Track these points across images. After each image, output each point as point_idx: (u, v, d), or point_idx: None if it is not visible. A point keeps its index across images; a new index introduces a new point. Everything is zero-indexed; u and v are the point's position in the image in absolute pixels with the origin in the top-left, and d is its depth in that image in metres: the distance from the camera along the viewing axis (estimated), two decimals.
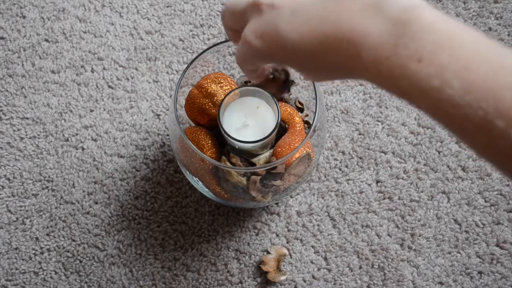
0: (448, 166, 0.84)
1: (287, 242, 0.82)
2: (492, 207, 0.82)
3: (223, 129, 0.72)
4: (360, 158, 0.84)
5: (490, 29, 0.89)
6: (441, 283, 0.80)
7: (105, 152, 0.85)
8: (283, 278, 0.80)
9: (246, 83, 0.78)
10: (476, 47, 0.43)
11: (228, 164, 0.72)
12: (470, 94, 0.42)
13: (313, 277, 0.81)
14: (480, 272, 0.80)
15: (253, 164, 0.73)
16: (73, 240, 0.82)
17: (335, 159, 0.84)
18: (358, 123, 0.85)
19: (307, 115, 0.78)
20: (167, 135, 0.85)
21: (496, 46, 0.43)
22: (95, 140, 0.85)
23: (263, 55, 0.52)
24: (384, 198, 0.83)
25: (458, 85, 0.42)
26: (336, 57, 0.47)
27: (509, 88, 0.41)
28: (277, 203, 0.83)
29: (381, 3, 0.46)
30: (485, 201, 0.83)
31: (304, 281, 0.80)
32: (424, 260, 0.81)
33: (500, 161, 0.42)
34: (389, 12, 0.45)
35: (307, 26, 0.48)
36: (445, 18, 0.45)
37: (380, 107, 0.86)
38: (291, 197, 0.83)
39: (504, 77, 0.41)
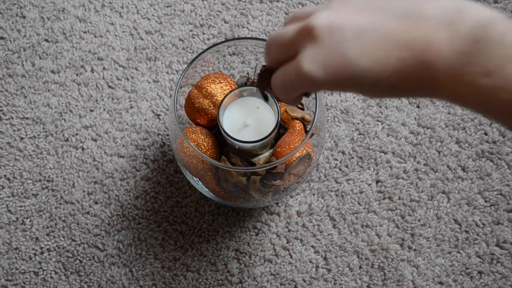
0: (448, 166, 0.84)
1: (287, 242, 0.82)
2: (492, 207, 0.82)
3: (223, 129, 0.72)
4: (360, 158, 0.84)
5: None
6: (441, 283, 0.80)
7: (105, 152, 0.85)
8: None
9: (246, 83, 0.78)
10: None
11: (228, 164, 0.72)
12: None
13: (313, 277, 0.81)
14: (480, 272, 0.80)
15: (253, 164, 0.73)
16: (73, 240, 0.82)
17: (335, 159, 0.84)
18: (358, 123, 0.85)
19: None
20: (167, 135, 0.85)
21: None
22: (95, 140, 0.85)
23: (324, 85, 0.46)
24: (384, 198, 0.83)
25: None
26: (413, 84, 0.44)
27: None
28: (277, 203, 0.83)
29: (455, 20, 0.43)
30: (485, 201, 0.82)
31: (304, 281, 0.80)
32: (424, 260, 0.81)
33: None
34: (462, 30, 0.43)
35: (379, 50, 0.44)
36: None
37: (380, 107, 0.86)
38: (291, 197, 0.83)
39: None
